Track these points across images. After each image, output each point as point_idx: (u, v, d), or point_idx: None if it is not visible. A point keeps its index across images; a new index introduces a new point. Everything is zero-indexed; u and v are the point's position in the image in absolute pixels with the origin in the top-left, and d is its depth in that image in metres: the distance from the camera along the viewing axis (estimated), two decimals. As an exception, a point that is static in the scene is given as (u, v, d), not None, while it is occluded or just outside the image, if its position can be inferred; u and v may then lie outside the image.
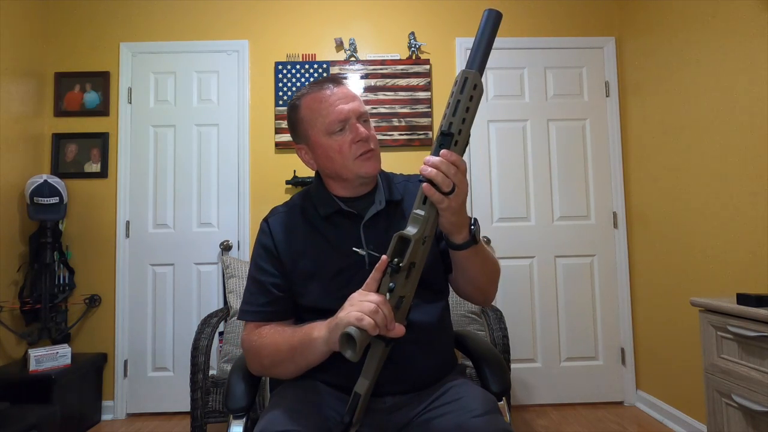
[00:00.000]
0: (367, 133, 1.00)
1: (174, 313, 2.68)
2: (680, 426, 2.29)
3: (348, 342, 0.78)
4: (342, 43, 2.80)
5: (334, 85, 1.02)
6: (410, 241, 0.79)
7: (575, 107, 2.82)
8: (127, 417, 2.62)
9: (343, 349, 0.79)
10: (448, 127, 0.79)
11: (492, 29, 0.80)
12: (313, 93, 1.01)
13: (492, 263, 0.99)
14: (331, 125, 0.98)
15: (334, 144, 0.99)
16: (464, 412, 0.89)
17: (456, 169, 0.78)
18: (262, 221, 1.09)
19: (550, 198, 2.78)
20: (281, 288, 1.02)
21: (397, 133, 2.74)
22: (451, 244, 0.89)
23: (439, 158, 0.78)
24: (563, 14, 2.86)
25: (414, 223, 0.81)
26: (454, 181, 0.78)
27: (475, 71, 0.79)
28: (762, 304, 1.38)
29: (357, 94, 1.04)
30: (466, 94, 0.78)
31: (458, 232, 0.87)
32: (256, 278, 1.04)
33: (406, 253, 0.79)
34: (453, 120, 0.78)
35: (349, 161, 0.99)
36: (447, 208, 0.80)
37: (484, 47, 0.80)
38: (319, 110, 1.00)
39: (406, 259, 0.79)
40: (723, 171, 2.02)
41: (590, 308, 2.73)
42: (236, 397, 1.03)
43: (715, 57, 2.06)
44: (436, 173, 0.78)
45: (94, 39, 2.77)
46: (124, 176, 2.71)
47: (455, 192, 0.79)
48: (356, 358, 0.77)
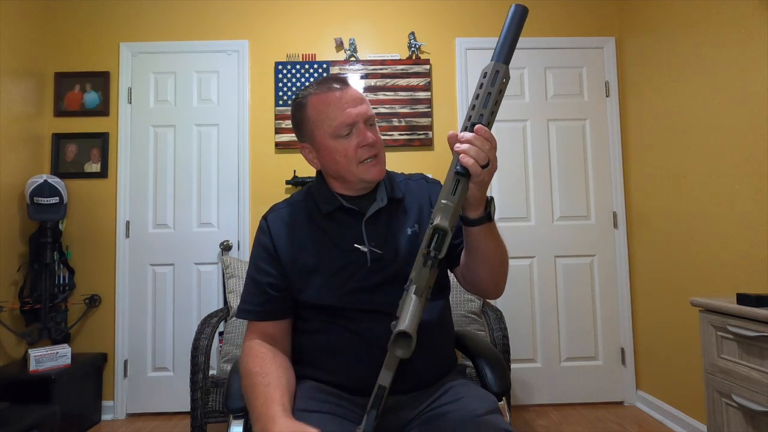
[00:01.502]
0: (373, 138, 0.99)
1: (174, 313, 2.68)
2: (680, 426, 2.29)
3: (400, 341, 0.80)
4: (342, 43, 2.80)
5: (342, 85, 1.00)
6: (447, 233, 0.80)
7: (575, 107, 2.82)
8: (127, 417, 2.62)
9: (394, 348, 0.81)
10: (479, 119, 0.81)
11: (518, 23, 0.82)
12: (320, 93, 1.00)
13: (503, 247, 0.98)
14: (339, 129, 0.97)
15: (339, 147, 0.98)
16: (465, 412, 0.89)
17: (490, 144, 0.81)
18: (261, 219, 1.09)
19: (550, 198, 2.78)
20: (277, 288, 1.02)
21: (397, 133, 2.74)
22: (466, 219, 0.89)
23: (473, 134, 0.80)
24: (563, 14, 2.86)
25: (441, 213, 0.82)
26: (489, 156, 0.80)
27: (505, 66, 0.81)
28: (762, 304, 1.38)
29: (364, 96, 1.03)
30: (497, 87, 0.81)
31: (476, 208, 0.87)
32: (254, 277, 1.04)
33: (444, 244, 0.80)
34: (483, 112, 0.81)
35: (353, 165, 0.99)
36: (481, 181, 0.82)
37: (511, 40, 0.82)
38: (326, 112, 0.98)
39: (443, 252, 0.81)
40: (723, 171, 2.02)
41: (590, 308, 2.73)
42: (236, 397, 1.02)
43: (715, 57, 2.06)
44: (469, 147, 0.80)
45: (94, 39, 2.77)
46: (124, 176, 2.71)
47: (489, 167, 0.81)
48: (409, 353, 0.80)
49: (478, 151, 0.79)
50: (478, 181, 0.81)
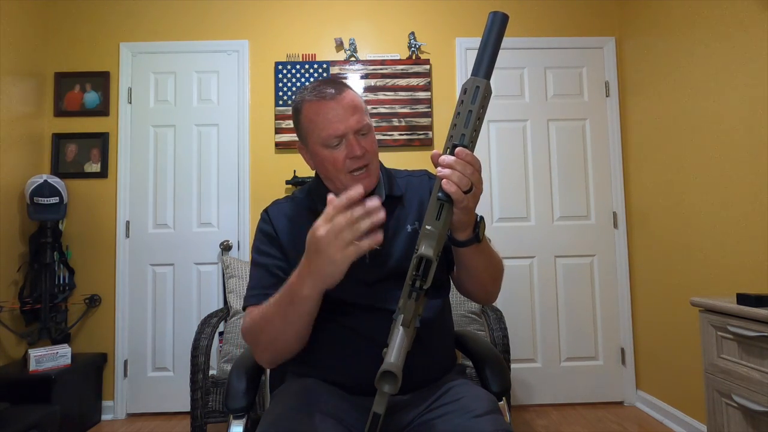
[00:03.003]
0: (362, 151, 0.96)
1: (174, 313, 2.68)
2: (680, 426, 2.29)
3: (387, 378, 0.77)
4: (342, 43, 2.80)
5: (337, 91, 0.98)
6: (432, 262, 0.78)
7: (575, 107, 2.82)
8: (127, 417, 2.62)
9: (381, 385, 0.78)
10: (461, 140, 0.78)
11: (498, 32, 0.79)
12: (313, 101, 0.98)
13: (496, 262, 0.98)
14: (327, 139, 0.96)
15: (329, 156, 0.98)
16: (465, 413, 0.89)
17: (473, 168, 0.78)
18: (262, 212, 1.10)
19: (550, 198, 2.78)
20: (286, 271, 0.99)
21: (397, 133, 2.74)
22: (455, 240, 0.88)
23: (454, 158, 0.77)
24: (563, 14, 2.86)
25: (426, 240, 0.79)
26: (471, 180, 0.78)
27: (486, 81, 0.78)
28: (762, 304, 1.38)
29: (360, 102, 1.00)
30: (477, 104, 0.77)
31: (464, 230, 0.86)
32: (260, 262, 1.03)
33: (429, 274, 0.78)
34: (465, 132, 0.78)
35: (342, 175, 0.98)
36: (464, 207, 0.80)
37: (491, 51, 0.78)
38: (316, 122, 0.98)
39: (429, 281, 0.78)
40: (723, 171, 2.02)
41: (590, 308, 2.73)
42: (236, 397, 1.02)
43: (714, 57, 2.06)
44: (451, 172, 0.77)
45: (94, 39, 2.77)
46: (124, 176, 2.71)
47: (473, 191, 0.79)
48: (396, 389, 0.77)
49: (460, 177, 0.77)
50: (461, 207, 0.79)
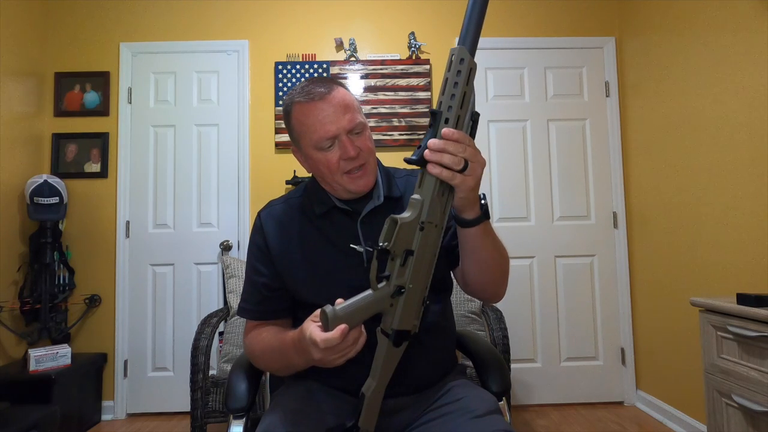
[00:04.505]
0: (356, 151, 0.94)
1: (174, 313, 2.68)
2: (680, 426, 2.29)
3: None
4: (342, 43, 2.79)
5: (326, 91, 0.94)
6: (396, 223, 0.77)
7: (575, 107, 2.82)
8: (127, 417, 2.62)
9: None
10: (439, 106, 0.76)
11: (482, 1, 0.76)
12: (302, 103, 0.96)
13: (502, 248, 0.95)
14: (319, 142, 0.94)
15: (322, 158, 0.95)
16: (465, 413, 0.89)
17: (463, 146, 0.74)
18: (256, 215, 1.08)
19: (550, 198, 2.77)
20: (270, 288, 1.02)
21: (397, 133, 2.74)
22: (462, 221, 0.85)
23: (439, 140, 0.75)
24: (563, 14, 2.86)
25: (410, 208, 0.79)
26: (465, 157, 0.75)
27: (461, 46, 0.75)
28: (762, 304, 1.38)
29: (352, 99, 0.97)
30: (453, 71, 0.75)
31: (470, 208, 0.83)
32: (250, 277, 1.05)
33: (393, 235, 0.77)
34: (442, 98, 0.75)
35: (338, 176, 0.96)
36: (461, 183, 0.76)
37: (476, 20, 0.76)
38: (307, 124, 0.95)
39: (392, 242, 0.77)
40: (723, 171, 2.02)
41: (590, 308, 2.73)
42: (236, 397, 1.03)
43: (714, 57, 2.06)
44: (440, 156, 0.74)
45: (94, 39, 2.77)
46: (124, 176, 2.71)
47: (469, 167, 0.75)
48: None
49: (451, 158, 0.74)
50: (457, 184, 0.76)
